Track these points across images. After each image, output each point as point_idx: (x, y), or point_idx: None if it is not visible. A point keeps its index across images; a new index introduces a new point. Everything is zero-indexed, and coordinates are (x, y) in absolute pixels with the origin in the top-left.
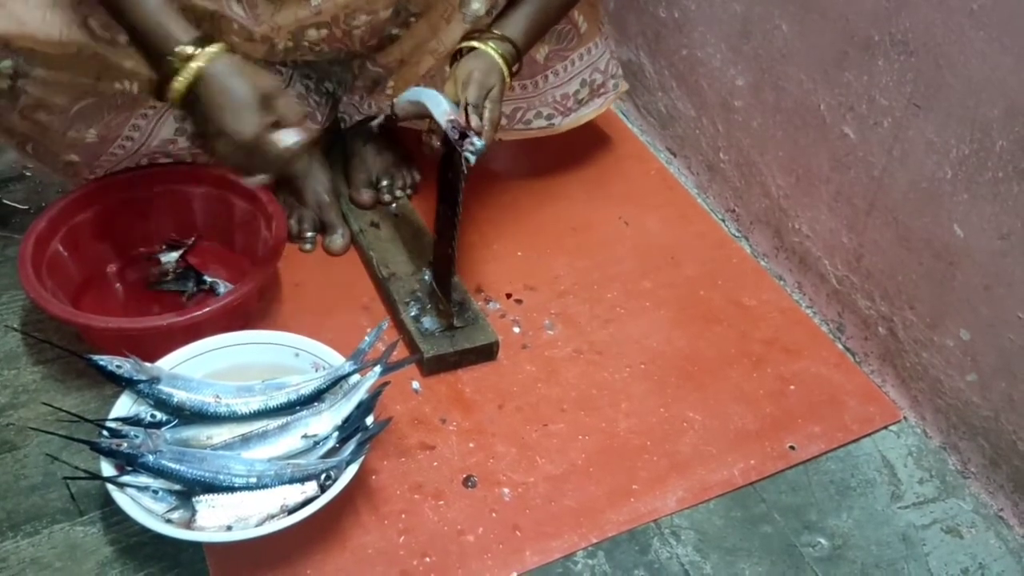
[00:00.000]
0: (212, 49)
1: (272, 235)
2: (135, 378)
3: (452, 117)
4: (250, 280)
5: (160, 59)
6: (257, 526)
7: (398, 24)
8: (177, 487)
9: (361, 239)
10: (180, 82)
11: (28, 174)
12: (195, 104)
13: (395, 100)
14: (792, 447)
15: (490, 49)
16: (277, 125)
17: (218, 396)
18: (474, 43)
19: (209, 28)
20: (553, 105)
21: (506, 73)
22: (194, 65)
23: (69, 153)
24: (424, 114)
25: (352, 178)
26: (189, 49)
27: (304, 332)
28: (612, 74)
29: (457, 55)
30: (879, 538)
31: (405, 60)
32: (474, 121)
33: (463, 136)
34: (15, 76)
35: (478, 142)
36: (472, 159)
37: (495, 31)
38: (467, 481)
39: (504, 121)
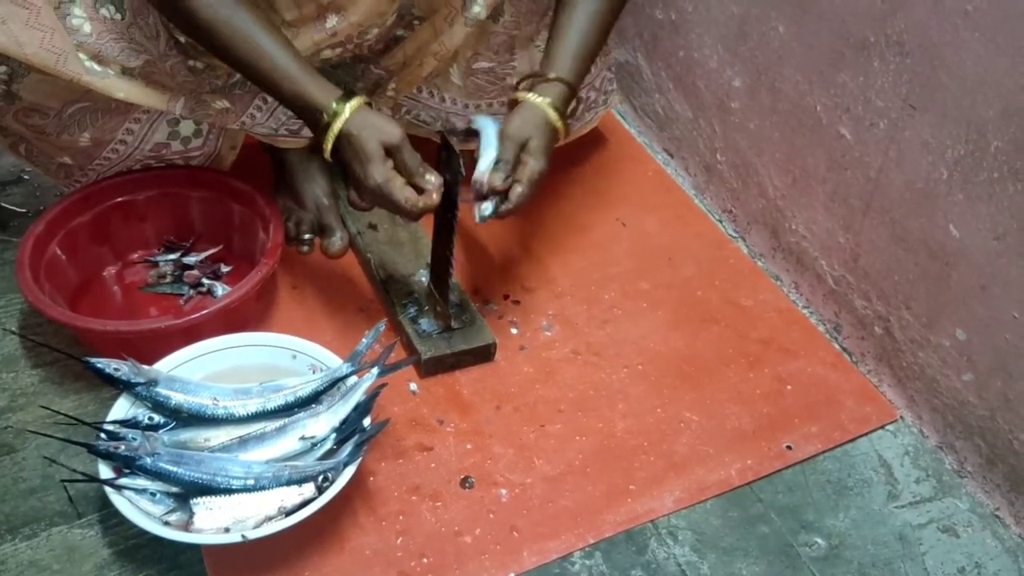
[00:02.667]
0: (351, 106)
1: (269, 238)
2: (133, 381)
3: (482, 176)
4: (247, 282)
5: (315, 123)
6: (255, 528)
7: (402, 26)
8: (175, 489)
9: (359, 241)
10: (329, 140)
11: (26, 178)
12: (339, 156)
13: (472, 118)
14: (789, 447)
15: (543, 105)
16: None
17: (216, 398)
18: (528, 95)
19: None
20: None
21: (557, 122)
22: (335, 128)
23: (62, 156)
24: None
25: (350, 180)
26: (329, 114)
27: (302, 334)
28: (605, 91)
29: (509, 104)
30: (876, 537)
31: (407, 62)
32: (496, 181)
33: (478, 197)
34: (9, 80)
35: (485, 210)
36: (479, 221)
37: (548, 73)
38: (464, 482)
39: None
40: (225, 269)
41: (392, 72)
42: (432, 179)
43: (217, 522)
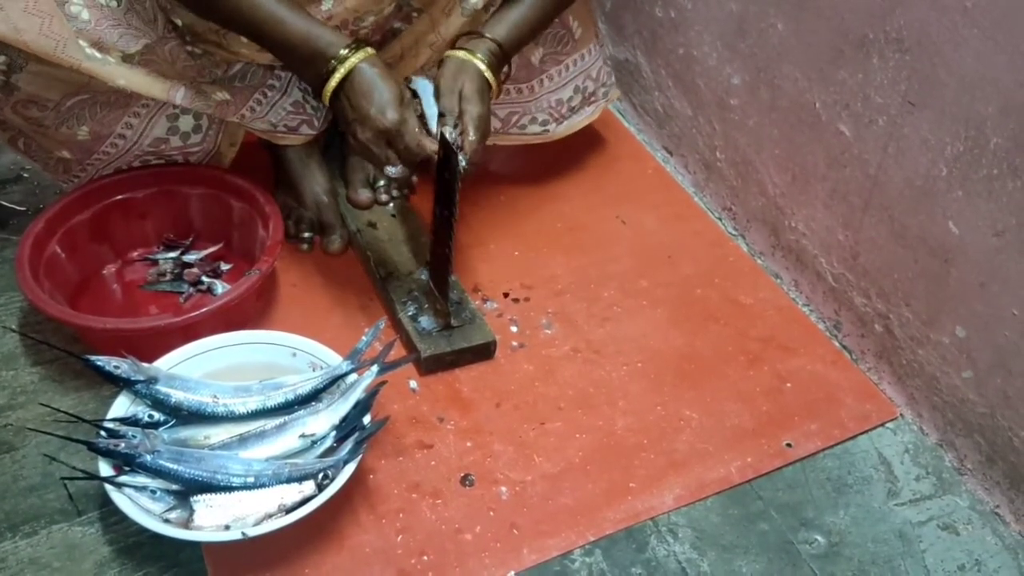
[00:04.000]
0: (365, 51)
1: (269, 235)
2: (133, 378)
3: (443, 128)
4: (247, 280)
5: (321, 61)
6: (255, 525)
7: (400, 18)
8: (175, 487)
9: (359, 239)
10: (336, 77)
11: (26, 176)
12: (339, 97)
13: (410, 77)
14: (789, 445)
15: (470, 56)
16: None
17: (216, 396)
18: (455, 51)
19: (223, 35)
20: (548, 111)
21: (485, 71)
22: (349, 63)
23: (61, 150)
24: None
25: (350, 178)
26: (345, 52)
27: (301, 332)
28: (603, 82)
29: (440, 64)
30: (876, 535)
31: (404, 54)
32: (447, 133)
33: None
34: (8, 71)
35: (463, 160)
36: (461, 171)
37: (483, 32)
38: (465, 480)
39: (499, 124)
40: (225, 267)
41: (390, 65)
42: (430, 139)
43: (217, 519)
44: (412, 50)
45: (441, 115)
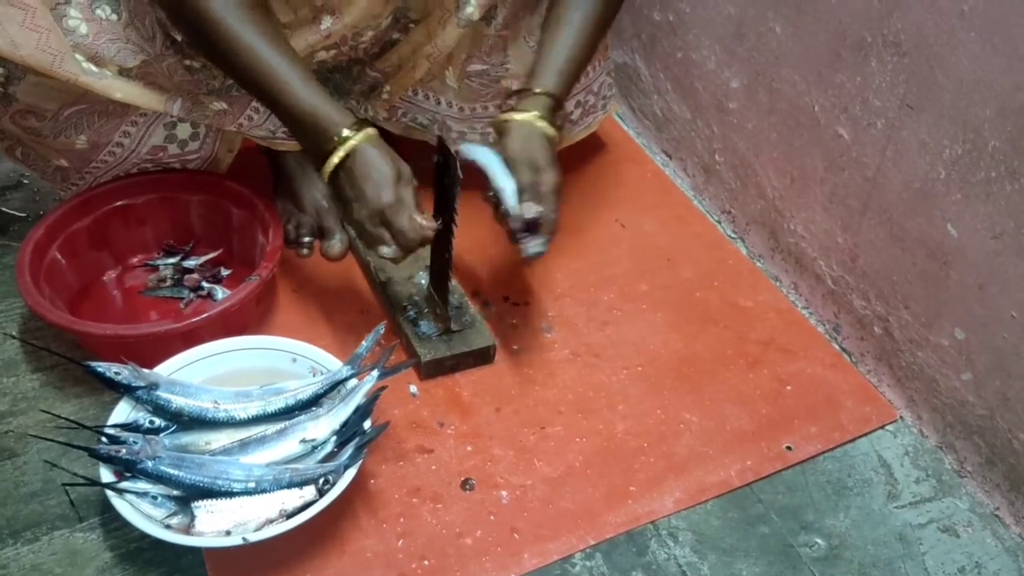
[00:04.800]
0: (367, 132)
1: (269, 241)
2: (133, 384)
3: (517, 212)
4: (247, 286)
5: (324, 139)
6: (256, 531)
7: (398, 30)
8: (176, 493)
9: (358, 244)
10: (338, 155)
11: (26, 182)
12: (338, 175)
13: (459, 149)
14: (789, 447)
15: (533, 121)
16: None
17: (216, 402)
18: (515, 115)
19: None
20: None
21: (548, 130)
22: (351, 143)
23: (59, 159)
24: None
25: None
26: (347, 132)
27: (301, 337)
28: (603, 95)
29: (498, 128)
30: (876, 538)
31: (402, 64)
32: (532, 212)
33: (519, 232)
34: (7, 82)
35: (535, 248)
36: (530, 258)
37: (532, 88)
38: (465, 484)
39: None
40: (225, 273)
41: (387, 75)
42: (429, 220)
43: (218, 525)
44: (409, 61)
45: (522, 191)
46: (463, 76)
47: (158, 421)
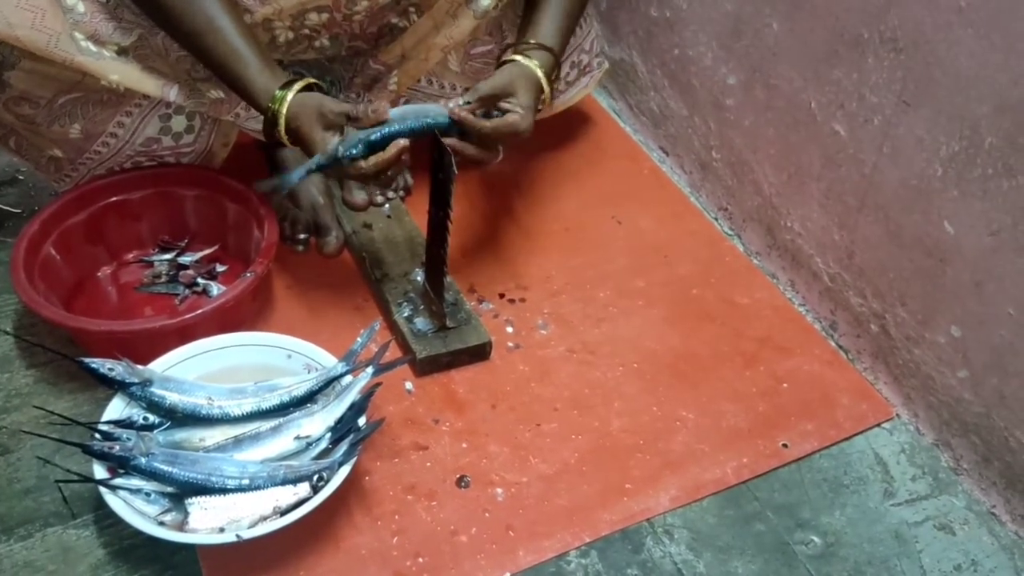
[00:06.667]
0: (289, 95)
1: (264, 237)
2: (127, 381)
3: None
4: (243, 282)
5: (264, 112)
6: (250, 528)
7: (398, 13)
8: (170, 489)
9: (354, 241)
10: (280, 131)
11: (21, 178)
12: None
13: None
14: (785, 445)
15: (530, 64)
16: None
17: (211, 398)
18: (511, 56)
19: None
20: None
21: (543, 83)
22: (281, 118)
23: (52, 148)
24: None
25: (345, 180)
26: (274, 103)
27: (297, 334)
28: (596, 53)
29: (498, 64)
30: (872, 535)
31: (407, 55)
32: (459, 102)
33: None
34: (1, 68)
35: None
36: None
37: (531, 40)
38: (460, 481)
39: None
40: (220, 269)
41: (391, 67)
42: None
43: (212, 522)
44: (418, 52)
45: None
46: (467, 59)
47: (152, 417)
